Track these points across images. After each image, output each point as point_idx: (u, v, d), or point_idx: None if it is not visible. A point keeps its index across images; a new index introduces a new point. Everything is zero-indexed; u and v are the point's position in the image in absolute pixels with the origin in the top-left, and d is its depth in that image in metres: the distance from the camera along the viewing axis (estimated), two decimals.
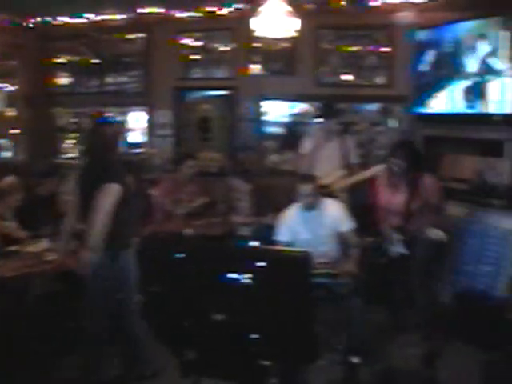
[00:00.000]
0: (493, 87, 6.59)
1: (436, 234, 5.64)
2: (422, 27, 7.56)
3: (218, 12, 8.66)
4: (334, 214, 5.93)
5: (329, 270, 5.47)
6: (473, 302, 6.15)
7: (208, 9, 8.67)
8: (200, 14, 8.82)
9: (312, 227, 5.91)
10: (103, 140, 5.19)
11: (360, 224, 6.11)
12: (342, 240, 6.01)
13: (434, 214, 5.81)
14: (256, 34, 6.18)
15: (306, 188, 5.81)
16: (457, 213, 6.72)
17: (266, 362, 3.00)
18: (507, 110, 6.40)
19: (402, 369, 5.30)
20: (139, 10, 8.98)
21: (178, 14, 8.91)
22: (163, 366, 5.13)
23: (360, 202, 6.88)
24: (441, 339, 5.83)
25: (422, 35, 7.60)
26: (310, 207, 5.88)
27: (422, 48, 7.61)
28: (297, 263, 2.75)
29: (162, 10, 8.89)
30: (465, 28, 6.94)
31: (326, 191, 6.67)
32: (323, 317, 5.56)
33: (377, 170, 6.53)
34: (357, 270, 5.76)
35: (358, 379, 4.94)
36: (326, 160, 6.96)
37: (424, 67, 7.57)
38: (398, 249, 5.92)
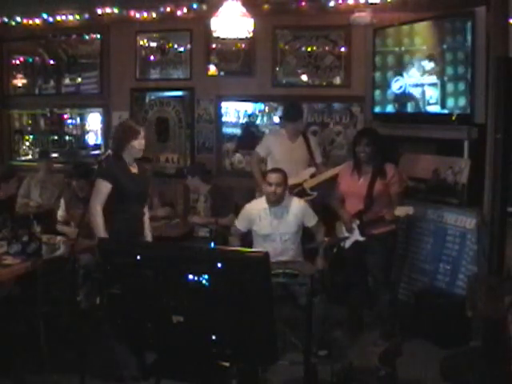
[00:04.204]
0: (451, 87, 6.66)
1: (403, 210, 5.66)
2: (380, 27, 7.60)
3: (176, 13, 8.62)
4: (299, 213, 6.05)
5: (289, 270, 5.51)
6: (432, 300, 6.21)
7: (166, 9, 8.65)
8: (157, 15, 8.78)
9: (273, 223, 6.01)
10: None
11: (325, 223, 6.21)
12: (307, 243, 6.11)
13: (393, 203, 5.86)
14: (214, 34, 6.17)
15: (274, 177, 5.98)
16: (415, 212, 6.78)
17: (226, 363, 3.00)
18: (464, 110, 6.48)
19: (362, 367, 5.34)
20: (96, 11, 8.91)
21: (136, 15, 8.85)
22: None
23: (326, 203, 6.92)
24: (400, 337, 5.89)
25: (379, 35, 7.64)
26: (276, 201, 6.00)
27: (379, 48, 7.65)
28: (255, 264, 2.75)
29: (118, 11, 8.84)
30: (422, 28, 7.01)
31: (299, 190, 6.74)
32: (284, 317, 5.61)
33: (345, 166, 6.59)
34: (313, 270, 5.82)
35: (319, 378, 4.96)
36: (292, 160, 6.98)
37: (382, 67, 7.62)
38: (354, 236, 5.97)
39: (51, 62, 9.89)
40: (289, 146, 7.15)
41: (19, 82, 10.27)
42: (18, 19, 9.36)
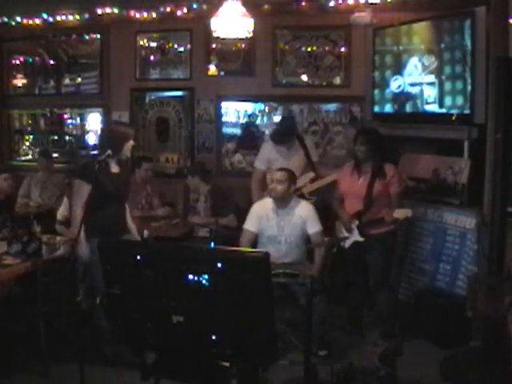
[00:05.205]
0: (451, 87, 6.66)
1: (402, 213, 5.66)
2: (380, 27, 7.61)
3: (176, 13, 8.62)
4: (304, 215, 6.01)
5: (289, 270, 5.51)
6: (432, 300, 6.21)
7: (166, 9, 8.65)
8: (157, 15, 8.78)
9: (280, 224, 5.99)
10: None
11: (325, 225, 6.18)
12: (309, 242, 6.09)
13: (393, 203, 5.87)
14: (214, 34, 6.17)
15: (279, 175, 5.98)
16: (415, 212, 6.80)
17: (226, 363, 3.00)
18: (463, 110, 6.48)
19: (362, 367, 5.33)
20: (96, 11, 8.91)
21: (136, 15, 8.85)
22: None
23: (326, 203, 6.91)
24: (400, 337, 5.88)
25: (379, 35, 7.64)
26: (277, 198, 5.99)
27: (379, 48, 7.65)
28: (255, 264, 2.75)
29: (118, 11, 8.84)
30: (422, 28, 7.01)
31: (298, 195, 6.71)
32: (284, 317, 5.62)
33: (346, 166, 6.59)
34: (319, 273, 5.83)
35: (319, 378, 4.95)
36: (291, 166, 6.86)
37: (381, 67, 7.62)
38: (353, 237, 5.97)
39: (51, 62, 9.88)
40: (286, 154, 7.07)
41: (19, 81, 10.26)
42: (18, 19, 9.35)
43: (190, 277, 2.81)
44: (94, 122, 9.85)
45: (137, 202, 7.37)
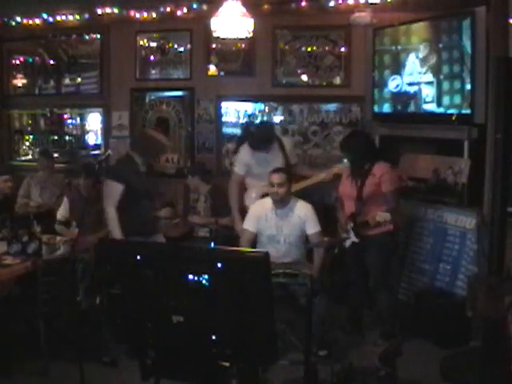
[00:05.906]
0: (450, 87, 6.66)
1: (382, 216, 5.64)
2: (380, 27, 7.61)
3: (176, 13, 8.62)
4: (303, 215, 6.00)
5: (289, 270, 5.50)
6: (432, 300, 6.21)
7: (166, 9, 8.65)
8: (157, 15, 8.78)
9: (279, 224, 5.98)
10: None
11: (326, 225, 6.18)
12: (308, 242, 6.08)
13: (388, 202, 5.87)
14: (214, 34, 6.18)
15: (277, 178, 5.94)
16: (415, 212, 6.80)
17: (226, 363, 2.99)
18: (464, 109, 6.49)
19: (362, 367, 5.33)
20: (96, 11, 8.91)
21: (136, 15, 8.85)
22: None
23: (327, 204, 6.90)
24: (400, 337, 5.88)
25: (379, 35, 7.64)
26: (280, 201, 5.98)
27: (378, 48, 7.65)
28: (255, 264, 2.75)
29: (118, 11, 8.85)
30: (422, 28, 7.01)
31: None
32: (284, 317, 5.62)
33: (323, 176, 6.59)
34: (318, 273, 5.83)
35: (319, 378, 4.95)
36: (266, 166, 6.67)
37: (381, 67, 7.62)
38: (351, 238, 5.96)
39: (51, 61, 9.88)
40: (264, 158, 6.81)
41: (19, 81, 10.26)
42: (18, 19, 9.36)
43: (190, 277, 2.81)
44: (94, 121, 9.86)
45: None
